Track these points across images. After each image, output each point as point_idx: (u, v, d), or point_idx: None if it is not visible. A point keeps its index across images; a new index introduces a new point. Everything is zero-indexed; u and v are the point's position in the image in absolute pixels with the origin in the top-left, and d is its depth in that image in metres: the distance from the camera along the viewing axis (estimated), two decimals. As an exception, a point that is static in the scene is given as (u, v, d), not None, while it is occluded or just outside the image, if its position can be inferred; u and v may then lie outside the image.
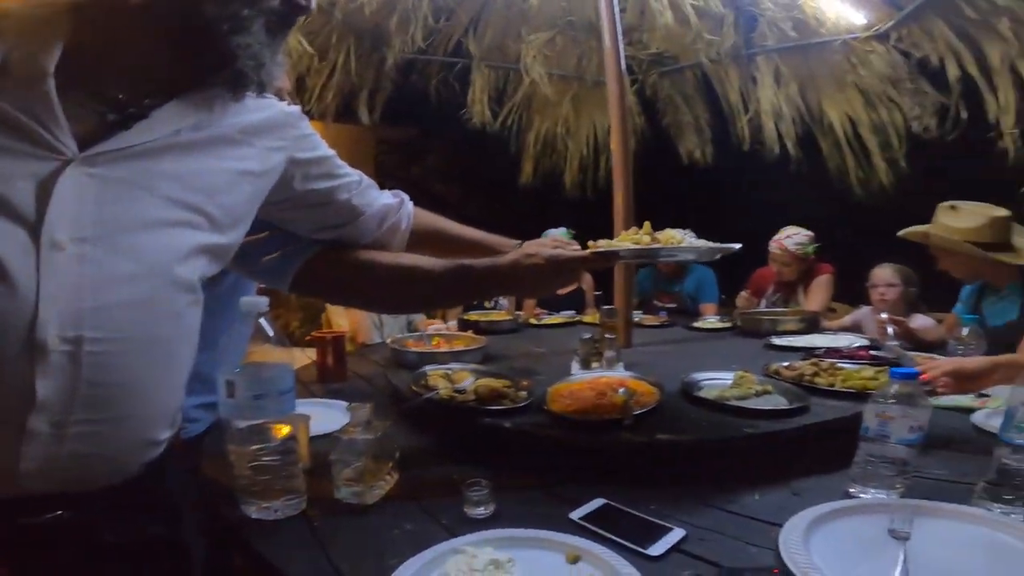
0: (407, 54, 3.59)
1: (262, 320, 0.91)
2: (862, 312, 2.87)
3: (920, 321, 2.59)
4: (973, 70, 2.77)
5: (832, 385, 1.42)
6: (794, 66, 3.50)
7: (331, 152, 1.05)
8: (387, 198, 1.19)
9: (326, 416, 1.40)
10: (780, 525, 0.88)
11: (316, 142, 1.01)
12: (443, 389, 1.40)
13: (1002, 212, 2.12)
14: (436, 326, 2.65)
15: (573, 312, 3.29)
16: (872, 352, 1.79)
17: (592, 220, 3.87)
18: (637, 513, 0.97)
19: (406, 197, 1.24)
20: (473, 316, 2.82)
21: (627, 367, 1.74)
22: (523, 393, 1.39)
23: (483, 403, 1.32)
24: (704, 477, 1.11)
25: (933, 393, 1.37)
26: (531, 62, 3.58)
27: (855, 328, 2.74)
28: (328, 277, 1.12)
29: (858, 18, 3.05)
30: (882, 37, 3.08)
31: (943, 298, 2.68)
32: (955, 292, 2.55)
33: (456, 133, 4.15)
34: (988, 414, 1.44)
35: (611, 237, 1.56)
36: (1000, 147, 2.79)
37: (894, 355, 1.78)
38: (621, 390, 1.36)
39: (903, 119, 3.32)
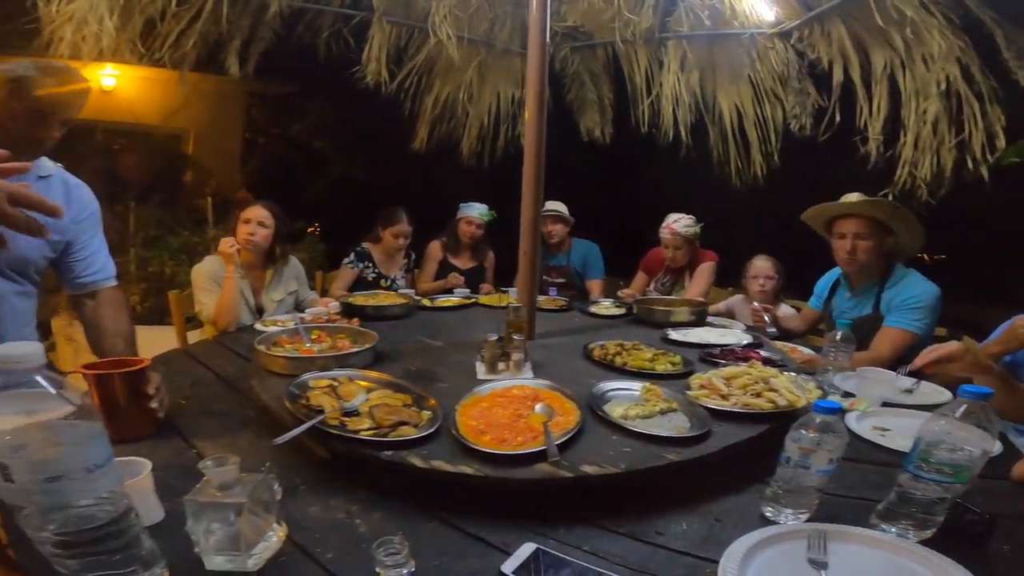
0: (296, 2, 3.11)
1: (38, 377, 0.64)
2: (736, 299, 3.04)
3: (784, 310, 2.80)
4: (856, 76, 2.94)
5: (625, 364, 1.68)
6: (699, 54, 3.53)
7: None
8: None
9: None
10: (711, 560, 0.90)
11: None
12: (330, 411, 1.18)
13: None
14: (316, 309, 2.33)
15: (468, 291, 3.15)
16: (762, 353, 1.85)
17: (490, 191, 3.74)
18: (573, 560, 0.90)
19: None
20: (359, 299, 2.53)
21: (534, 367, 1.65)
22: (427, 413, 1.22)
23: (381, 428, 1.13)
24: (628, 508, 1.06)
25: None
26: (440, 21, 3.25)
27: (728, 313, 2.89)
28: None
29: (768, 14, 3.11)
30: (785, 35, 3.17)
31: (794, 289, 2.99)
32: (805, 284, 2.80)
33: (345, 91, 3.71)
34: (858, 417, 1.52)
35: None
36: (863, 152, 3.01)
37: (779, 356, 1.85)
38: (538, 407, 1.25)
39: (783, 116, 3.50)
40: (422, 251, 3.53)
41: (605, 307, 2.75)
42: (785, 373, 1.47)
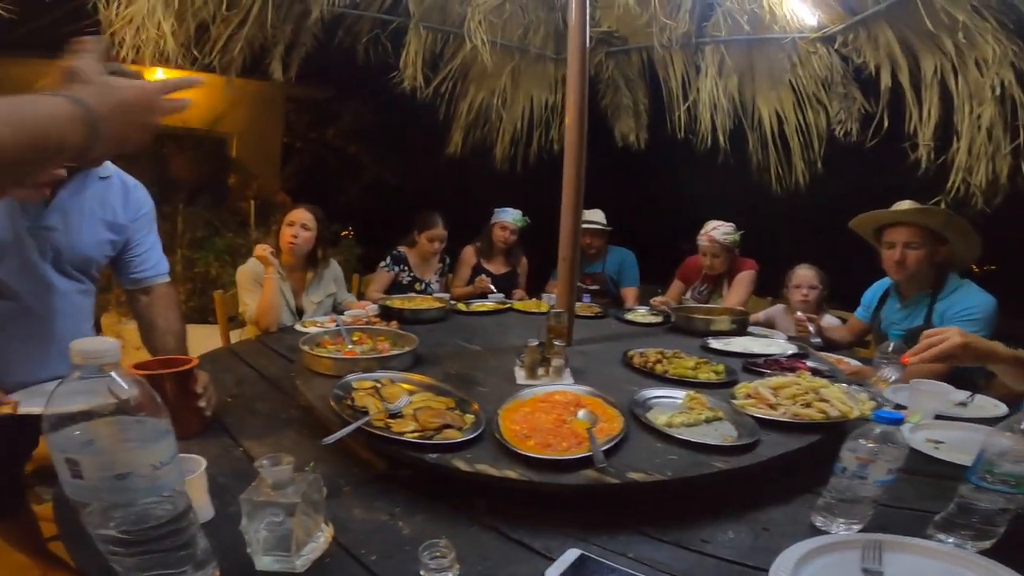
0: (336, 7, 3.17)
1: (113, 375, 0.65)
2: (776, 309, 2.96)
3: (828, 320, 2.71)
4: (904, 80, 2.85)
5: (666, 372, 1.68)
6: (738, 59, 3.47)
7: None
8: None
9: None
10: (759, 569, 0.89)
11: None
12: (375, 413, 1.19)
13: None
14: (354, 311, 2.37)
15: (502, 296, 3.16)
16: (810, 364, 1.80)
17: (523, 196, 3.74)
18: (618, 566, 0.89)
19: None
20: (396, 302, 2.56)
21: (573, 373, 1.64)
22: (470, 417, 1.22)
23: (425, 431, 1.13)
24: (671, 516, 1.04)
25: None
26: (475, 27, 3.28)
27: (767, 323, 2.82)
28: None
29: (810, 18, 3.04)
30: (829, 40, 3.09)
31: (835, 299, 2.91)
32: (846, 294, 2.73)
33: (380, 96, 3.77)
34: (912, 429, 1.47)
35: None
36: (912, 159, 2.91)
37: (827, 367, 1.80)
38: (581, 413, 1.24)
39: (827, 122, 3.42)
40: (456, 256, 3.56)
41: (641, 315, 2.72)
42: (836, 384, 1.43)
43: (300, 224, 2.44)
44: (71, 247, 1.44)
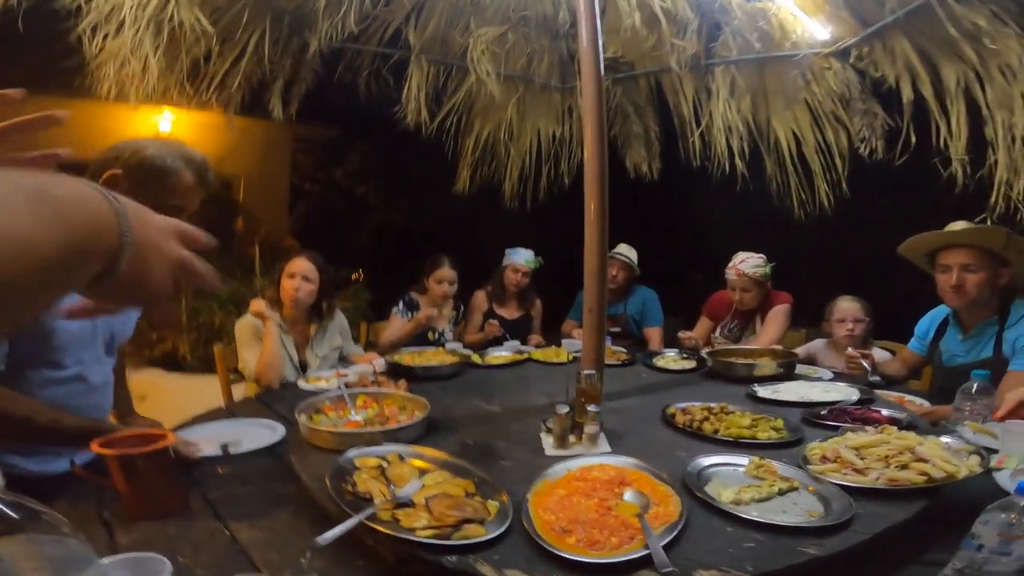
0: (335, 42, 3.08)
1: None
2: (816, 344, 2.74)
3: (879, 354, 2.48)
4: (928, 92, 2.69)
5: (716, 432, 1.46)
6: (749, 79, 3.34)
7: None
8: None
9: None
10: None
11: None
12: (380, 502, 0.99)
13: None
14: (360, 367, 2.18)
15: (517, 343, 2.96)
16: (885, 412, 1.57)
17: (534, 234, 3.59)
18: None
19: None
20: (406, 359, 2.32)
21: (609, 437, 1.43)
22: (494, 504, 1.01)
23: (441, 526, 0.93)
24: None
25: None
26: (478, 58, 3.18)
27: (808, 360, 2.59)
28: None
29: (822, 33, 2.92)
30: (843, 54, 2.95)
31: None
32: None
33: (385, 133, 3.66)
34: (1011, 475, 1.29)
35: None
36: (946, 175, 2.73)
37: (905, 415, 1.58)
38: (628, 495, 1.03)
39: (848, 140, 3.25)
40: (467, 302, 3.38)
41: (672, 359, 2.49)
42: (929, 437, 1.22)
43: (301, 276, 2.27)
44: (123, 330, 1.54)
